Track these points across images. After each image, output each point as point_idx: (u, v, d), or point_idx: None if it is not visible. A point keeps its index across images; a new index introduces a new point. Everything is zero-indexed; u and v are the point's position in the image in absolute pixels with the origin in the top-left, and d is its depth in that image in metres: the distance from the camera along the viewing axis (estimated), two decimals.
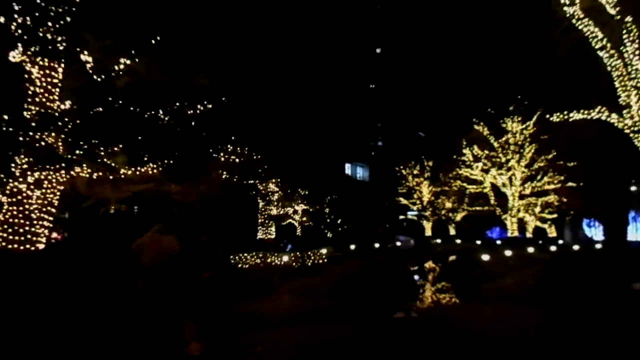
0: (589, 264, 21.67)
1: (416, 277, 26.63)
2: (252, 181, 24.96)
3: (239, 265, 20.69)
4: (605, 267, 19.60)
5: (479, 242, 53.92)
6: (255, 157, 22.88)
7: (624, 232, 29.68)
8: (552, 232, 49.43)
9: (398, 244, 47.55)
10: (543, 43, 24.33)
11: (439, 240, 53.86)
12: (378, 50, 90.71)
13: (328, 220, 40.87)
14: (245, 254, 21.36)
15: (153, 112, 12.31)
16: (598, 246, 40.75)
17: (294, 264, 23.22)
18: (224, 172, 17.24)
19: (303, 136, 50.03)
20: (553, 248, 34.29)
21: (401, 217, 61.41)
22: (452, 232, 57.50)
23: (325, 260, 28.38)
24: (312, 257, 26.40)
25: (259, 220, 29.58)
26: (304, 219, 36.18)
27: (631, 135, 18.05)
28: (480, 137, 37.04)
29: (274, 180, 29.59)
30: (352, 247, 36.38)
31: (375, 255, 35.38)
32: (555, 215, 39.82)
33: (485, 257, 22.50)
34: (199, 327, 6.99)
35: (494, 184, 39.18)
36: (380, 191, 61.56)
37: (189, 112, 13.24)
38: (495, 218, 45.39)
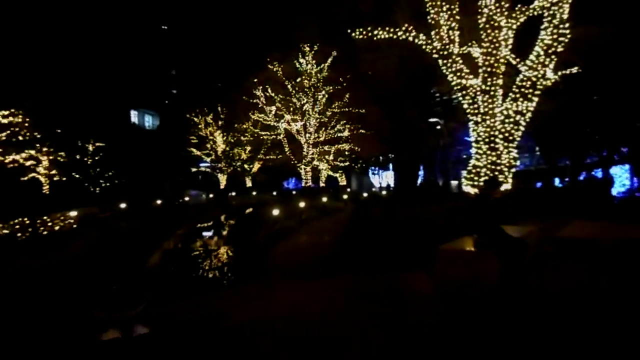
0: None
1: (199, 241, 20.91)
2: None
3: None
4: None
5: (275, 193, 51.03)
6: None
7: (414, 179, 28.54)
8: (342, 181, 48.59)
9: (187, 199, 41.07)
10: None
11: (234, 193, 49.02)
12: None
13: (93, 174, 31.97)
14: None
15: None
16: (384, 193, 40.75)
17: None
18: None
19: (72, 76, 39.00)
20: (345, 197, 32.06)
21: (194, 169, 54.41)
22: (249, 184, 53.16)
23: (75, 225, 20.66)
24: (49, 224, 18.44)
25: None
26: (53, 172, 26.91)
27: (439, 60, 14.71)
28: (274, 78, 32.12)
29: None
30: (123, 205, 28.65)
31: (153, 215, 28.45)
32: (347, 164, 37.79)
33: (276, 212, 17.74)
34: None
35: (289, 131, 35.11)
36: (171, 141, 53.18)
37: None
38: (291, 168, 42.16)
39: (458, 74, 14.32)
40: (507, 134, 13.89)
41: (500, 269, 6.27)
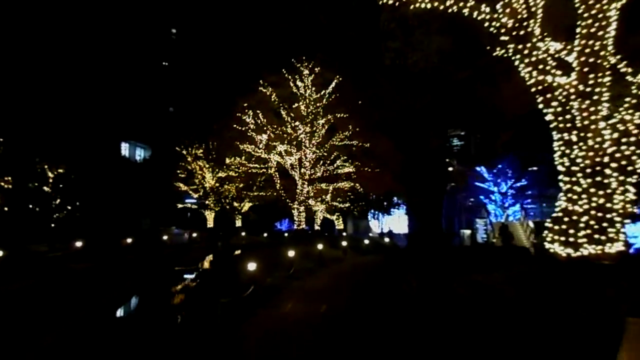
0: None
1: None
2: None
3: None
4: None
5: (265, 234, 45.00)
6: None
7: (436, 227, 22.03)
8: (339, 225, 42.57)
9: (165, 237, 34.78)
10: None
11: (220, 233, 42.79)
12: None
13: (55, 204, 25.81)
14: None
15: None
16: (387, 240, 34.68)
17: None
18: None
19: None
20: (344, 243, 25.90)
21: (180, 205, 48.25)
22: (238, 223, 47.01)
23: None
24: None
25: None
26: None
27: (509, 47, 9.18)
28: (266, 103, 26.73)
29: None
30: (78, 244, 22.41)
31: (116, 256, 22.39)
32: (347, 205, 31.75)
33: (252, 266, 11.72)
34: None
35: (281, 165, 29.34)
36: (157, 175, 47.30)
37: None
38: (284, 209, 36.29)
39: (540, 67, 8.83)
40: (623, 161, 8.26)
41: None
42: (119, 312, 12.64)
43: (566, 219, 8.53)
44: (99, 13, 51.21)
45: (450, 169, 31.31)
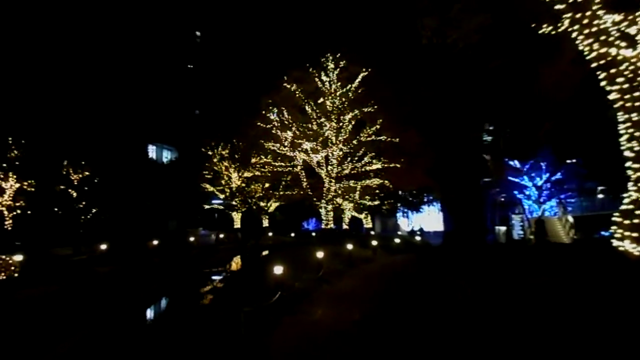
0: None
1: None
2: None
3: None
4: None
5: (293, 234, 44.25)
6: None
7: (479, 224, 20.38)
8: (367, 223, 41.38)
9: (192, 239, 34.43)
10: None
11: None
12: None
13: (80, 207, 25.67)
14: None
15: None
16: (418, 239, 33.38)
17: None
18: None
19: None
20: (374, 243, 24.78)
21: (207, 206, 47.95)
22: (266, 223, 46.38)
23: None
24: None
25: None
26: (19, 203, 20.71)
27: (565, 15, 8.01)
28: (291, 100, 25.90)
29: None
30: (103, 247, 22.11)
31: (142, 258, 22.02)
32: (376, 203, 30.56)
33: (279, 270, 10.86)
34: None
35: (307, 163, 28.45)
36: (184, 176, 47.21)
37: None
38: (311, 208, 35.43)
39: (602, 38, 7.65)
40: None
41: None
42: (138, 320, 12.00)
43: (638, 212, 7.32)
44: (125, 18, 51.59)
45: (486, 162, 29.82)
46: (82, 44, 40.26)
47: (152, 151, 60.17)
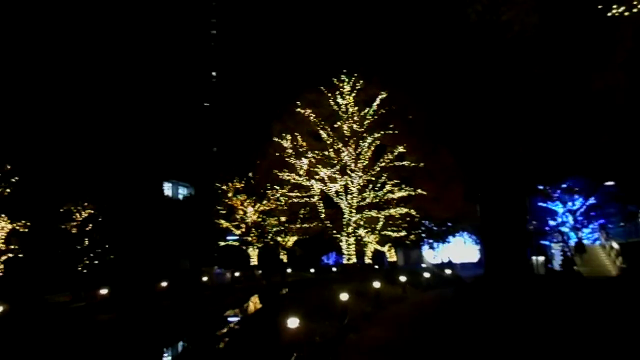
0: None
1: None
2: None
3: None
4: None
5: (312, 270, 41.60)
6: None
7: (522, 252, 17.42)
8: (392, 256, 38.46)
9: (205, 278, 32.00)
10: None
11: (259, 271, 39.78)
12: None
13: (80, 248, 23.61)
14: None
15: None
16: (448, 272, 30.27)
17: None
18: None
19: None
20: (403, 279, 21.95)
21: (222, 243, 45.67)
22: (284, 259, 43.76)
23: None
24: None
25: None
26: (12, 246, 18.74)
27: None
28: (305, 124, 23.87)
29: None
30: (103, 291, 19.79)
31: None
32: (403, 234, 27.66)
33: (294, 323, 8.38)
34: None
35: (325, 192, 26.08)
36: (199, 213, 45.28)
37: None
38: (331, 241, 32.86)
39: None
40: None
41: None
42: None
43: None
44: (141, 54, 51.45)
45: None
46: (99, 78, 39.64)
47: (167, 188, 58.92)
